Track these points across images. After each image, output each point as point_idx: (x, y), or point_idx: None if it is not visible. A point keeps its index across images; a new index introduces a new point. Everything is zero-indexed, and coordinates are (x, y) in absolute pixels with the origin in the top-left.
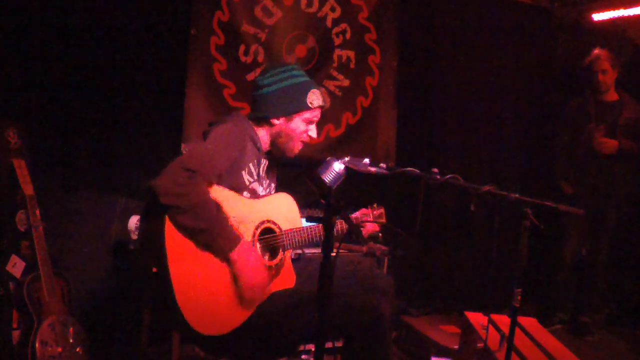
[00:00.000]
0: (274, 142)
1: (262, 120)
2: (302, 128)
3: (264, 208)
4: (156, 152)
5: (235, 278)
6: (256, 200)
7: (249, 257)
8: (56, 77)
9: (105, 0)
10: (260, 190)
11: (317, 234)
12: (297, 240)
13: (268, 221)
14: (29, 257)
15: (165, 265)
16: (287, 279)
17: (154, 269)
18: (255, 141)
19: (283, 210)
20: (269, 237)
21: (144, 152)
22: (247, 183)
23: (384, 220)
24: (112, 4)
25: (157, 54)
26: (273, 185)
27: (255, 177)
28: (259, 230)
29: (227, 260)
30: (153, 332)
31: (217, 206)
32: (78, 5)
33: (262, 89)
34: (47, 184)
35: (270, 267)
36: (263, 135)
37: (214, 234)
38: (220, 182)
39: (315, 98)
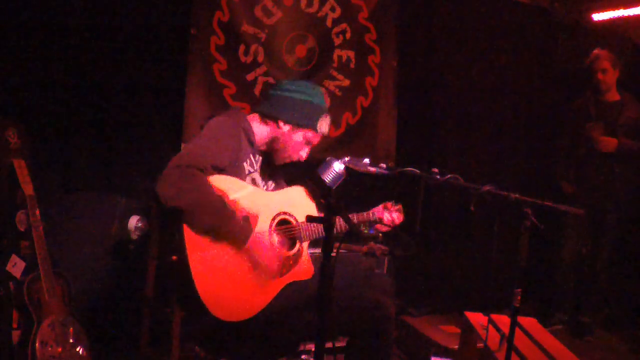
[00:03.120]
0: (270, 143)
1: (270, 117)
2: (299, 145)
3: (279, 200)
4: (156, 152)
5: (254, 264)
6: (272, 192)
7: (262, 246)
8: (56, 77)
9: (105, 0)
10: (260, 183)
11: None
12: (312, 230)
13: (284, 213)
14: (29, 257)
15: (184, 253)
16: (305, 270)
17: (174, 257)
18: (249, 135)
19: (299, 203)
20: (285, 228)
21: (144, 152)
22: (247, 172)
23: (402, 214)
24: (112, 4)
25: (157, 54)
26: (271, 182)
27: (255, 169)
28: (275, 221)
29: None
30: (153, 332)
31: (221, 199)
32: (78, 5)
33: (285, 92)
34: (47, 184)
35: (287, 257)
36: (263, 131)
37: (223, 232)
38: (222, 173)
39: (324, 125)
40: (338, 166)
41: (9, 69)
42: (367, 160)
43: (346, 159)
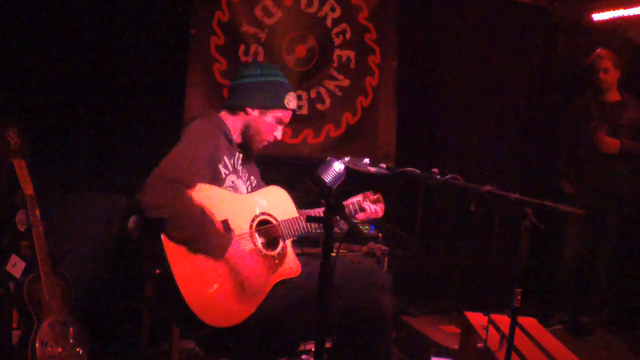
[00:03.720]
0: (243, 133)
1: (238, 108)
2: (272, 127)
3: (257, 201)
4: (156, 151)
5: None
6: (249, 194)
7: (243, 253)
8: (56, 77)
9: (105, 0)
10: (239, 183)
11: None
12: (294, 228)
13: (263, 214)
14: (29, 257)
15: (168, 265)
16: (291, 268)
17: (157, 271)
18: (226, 133)
19: (277, 203)
20: (266, 228)
21: (144, 151)
22: (224, 176)
23: (382, 204)
24: (112, 4)
25: (157, 54)
26: (253, 177)
27: (231, 169)
28: (255, 222)
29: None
30: (153, 332)
31: (202, 211)
32: (78, 5)
33: (244, 79)
34: (47, 184)
35: (272, 257)
36: (235, 124)
37: (202, 244)
38: (202, 179)
39: (291, 100)
40: (338, 166)
41: (9, 68)
42: (367, 160)
43: (346, 159)
